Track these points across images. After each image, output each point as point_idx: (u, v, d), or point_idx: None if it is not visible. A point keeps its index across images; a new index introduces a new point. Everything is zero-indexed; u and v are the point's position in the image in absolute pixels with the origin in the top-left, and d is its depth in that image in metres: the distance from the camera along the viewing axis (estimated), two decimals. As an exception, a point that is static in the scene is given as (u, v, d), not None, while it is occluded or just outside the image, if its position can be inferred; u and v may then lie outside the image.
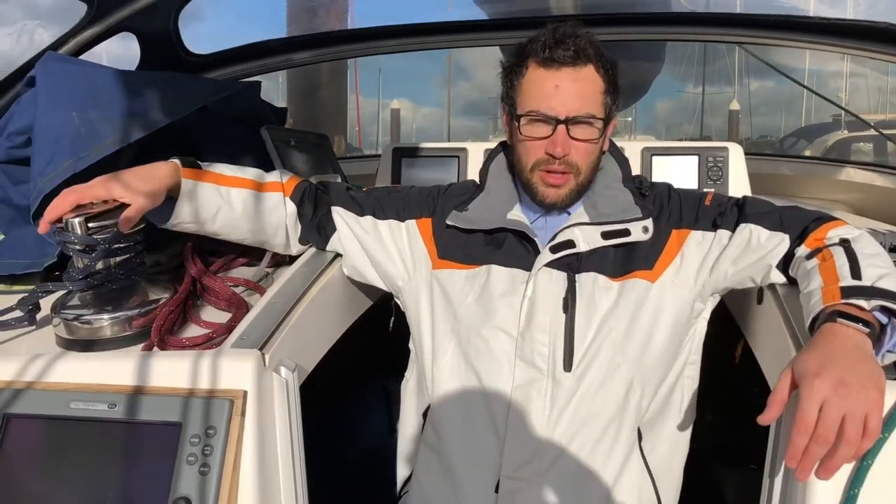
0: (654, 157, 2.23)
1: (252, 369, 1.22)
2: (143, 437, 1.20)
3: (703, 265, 1.52)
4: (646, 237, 1.51)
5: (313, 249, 1.70)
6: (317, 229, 1.66)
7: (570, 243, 1.49)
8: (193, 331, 1.43)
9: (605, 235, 1.50)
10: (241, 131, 1.99)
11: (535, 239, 1.52)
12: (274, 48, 2.67)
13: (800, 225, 1.44)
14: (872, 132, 10.71)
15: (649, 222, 1.52)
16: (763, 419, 1.07)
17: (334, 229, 1.66)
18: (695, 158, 2.21)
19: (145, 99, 1.66)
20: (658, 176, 2.20)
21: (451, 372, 1.53)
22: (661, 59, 4.24)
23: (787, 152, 10.99)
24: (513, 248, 1.55)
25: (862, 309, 1.15)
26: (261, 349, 1.26)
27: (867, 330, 1.12)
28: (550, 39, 1.45)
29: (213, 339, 1.37)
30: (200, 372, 1.22)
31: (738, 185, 2.19)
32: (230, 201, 1.55)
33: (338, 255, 1.69)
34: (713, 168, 2.19)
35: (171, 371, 1.22)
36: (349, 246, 1.66)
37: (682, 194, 1.61)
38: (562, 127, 1.45)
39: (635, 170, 2.18)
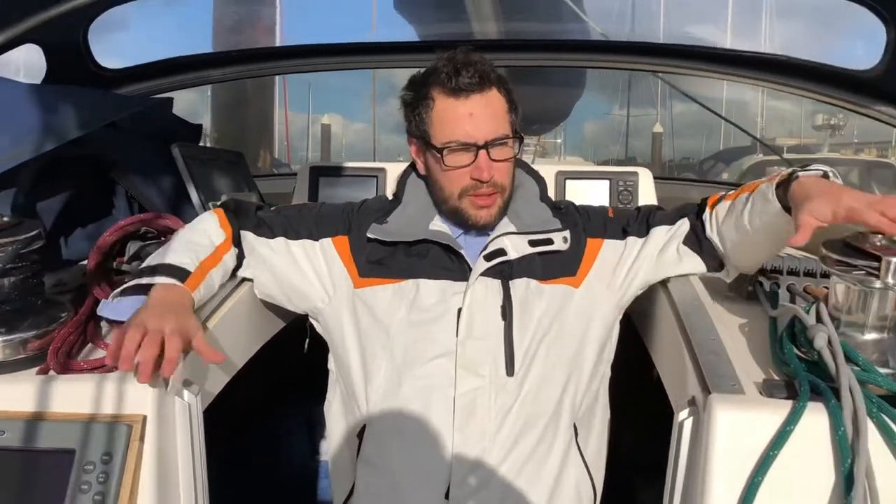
0: (568, 181, 2.29)
1: (152, 393, 1.19)
2: (35, 465, 1.15)
3: (619, 270, 1.63)
4: (566, 246, 1.60)
5: None
6: None
7: (501, 251, 1.55)
8: (94, 354, 1.38)
9: (532, 243, 1.58)
10: (154, 148, 1.95)
11: (461, 251, 1.55)
12: (189, 64, 2.62)
13: (693, 208, 1.66)
14: (786, 156, 11.19)
15: (567, 233, 1.61)
16: (797, 240, 1.19)
17: (242, 255, 1.63)
18: (606, 182, 2.29)
19: (48, 114, 1.61)
20: (571, 199, 2.25)
21: (387, 390, 1.52)
22: (581, 85, 4.37)
23: (705, 175, 11.33)
24: (439, 260, 1.57)
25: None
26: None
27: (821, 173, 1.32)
28: (451, 68, 1.50)
29: (114, 363, 1.33)
30: (97, 396, 1.18)
31: (648, 208, 2.25)
32: (213, 284, 1.53)
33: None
34: (623, 192, 2.26)
35: (67, 396, 1.19)
36: (259, 272, 1.63)
37: (588, 209, 1.73)
38: (483, 152, 1.51)
39: (549, 193, 2.24)
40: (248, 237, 1.62)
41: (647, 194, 2.28)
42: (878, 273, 1.13)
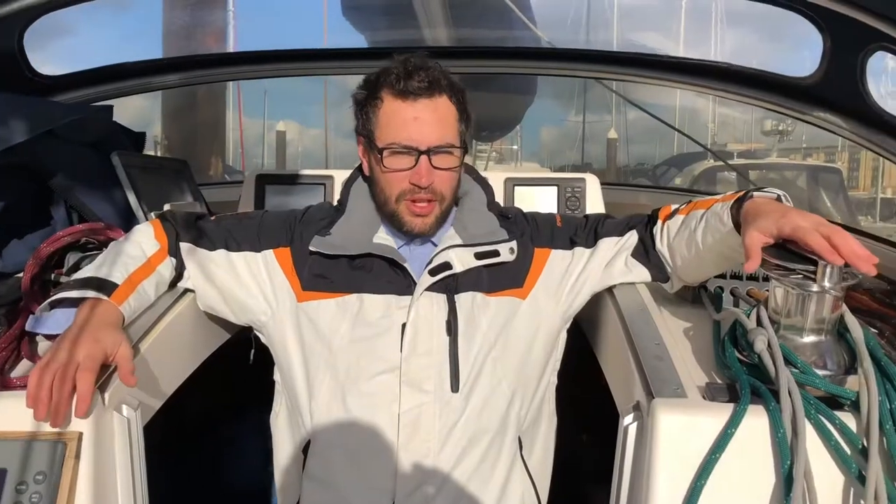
0: (517, 188, 2.29)
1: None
2: (-36, 486, 1.11)
3: (566, 281, 1.62)
4: (512, 258, 1.58)
5: None
6: None
7: (447, 265, 1.52)
8: (29, 370, 1.34)
9: (478, 256, 1.55)
10: (94, 157, 1.90)
11: (405, 264, 1.52)
12: (131, 71, 2.56)
13: (642, 219, 1.67)
14: (736, 161, 11.39)
15: (514, 244, 1.60)
16: (750, 266, 1.20)
17: (182, 266, 1.58)
18: (554, 189, 2.30)
19: (-21, 123, 1.55)
20: (519, 205, 2.26)
21: (330, 405, 1.49)
22: (532, 91, 4.39)
23: (658, 181, 11.48)
24: (383, 274, 1.54)
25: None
26: (99, 387, 1.20)
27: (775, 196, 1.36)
28: (402, 71, 1.47)
29: (49, 378, 1.29)
30: (31, 414, 1.14)
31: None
32: (148, 295, 1.47)
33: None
34: (571, 198, 2.27)
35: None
36: (200, 284, 1.59)
37: (537, 217, 1.72)
38: (424, 157, 1.48)
39: (498, 200, 2.25)
40: (187, 249, 1.57)
41: (594, 200, 2.30)
42: (815, 277, 1.15)
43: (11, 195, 1.67)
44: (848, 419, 1.11)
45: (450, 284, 1.53)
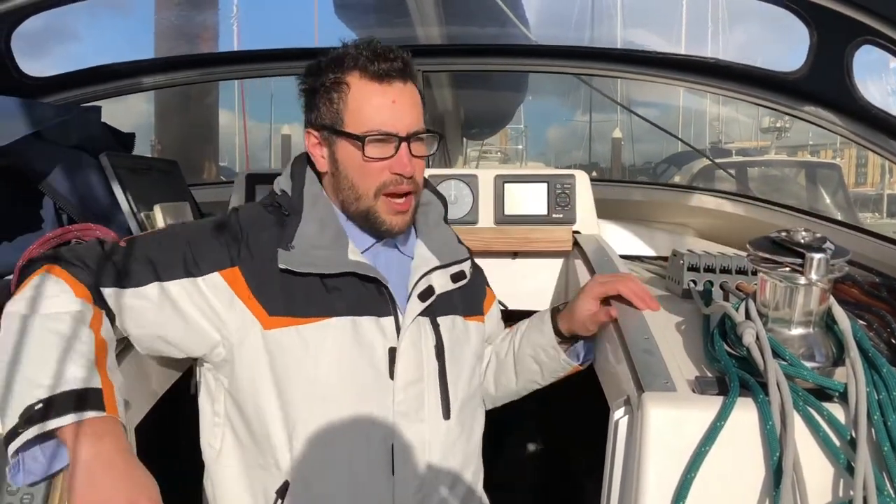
0: (507, 185, 2.29)
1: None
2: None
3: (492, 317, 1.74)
4: (469, 275, 1.60)
5: None
6: None
7: (430, 289, 1.48)
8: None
9: (453, 278, 1.53)
10: (82, 158, 1.89)
11: (388, 285, 1.43)
12: (120, 72, 2.55)
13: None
14: (734, 159, 11.42)
15: (469, 262, 1.62)
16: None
17: (111, 314, 1.32)
18: (544, 186, 2.29)
19: (-36, 125, 1.55)
20: (510, 202, 2.29)
21: (313, 440, 1.35)
22: (522, 90, 4.39)
23: (659, 178, 11.48)
24: (358, 292, 1.41)
25: None
26: None
27: None
28: (370, 52, 1.38)
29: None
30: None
31: (585, 210, 2.30)
32: (118, 377, 1.25)
33: None
34: (561, 195, 2.27)
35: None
36: (134, 331, 1.36)
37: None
38: (405, 144, 1.40)
39: (489, 197, 2.25)
40: (110, 294, 1.31)
41: (584, 197, 2.30)
42: (803, 269, 1.15)
43: (0, 197, 1.67)
44: (836, 410, 1.10)
45: (430, 307, 1.47)
